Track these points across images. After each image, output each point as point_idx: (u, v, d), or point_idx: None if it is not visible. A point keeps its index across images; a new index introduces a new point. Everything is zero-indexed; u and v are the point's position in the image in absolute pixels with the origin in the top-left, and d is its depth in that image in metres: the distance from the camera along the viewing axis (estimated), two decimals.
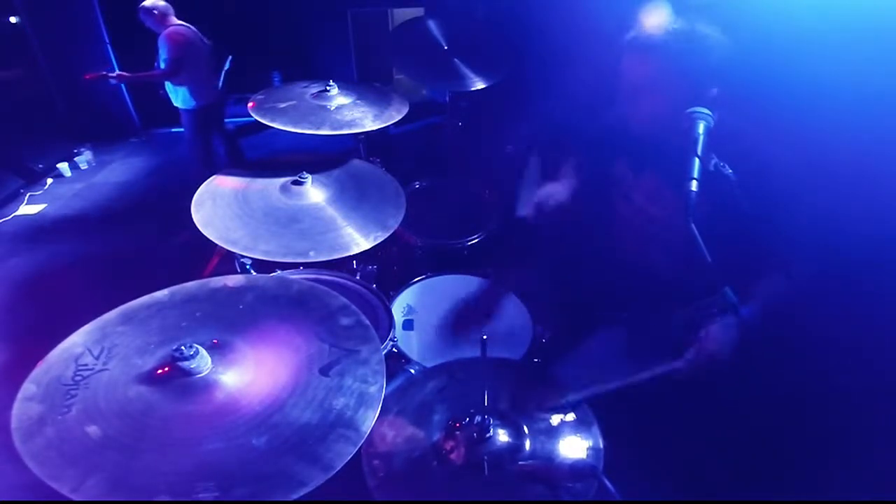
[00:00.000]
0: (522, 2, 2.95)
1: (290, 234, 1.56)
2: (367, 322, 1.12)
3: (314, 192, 1.70)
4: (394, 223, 1.66)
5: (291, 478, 0.83)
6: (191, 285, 1.21)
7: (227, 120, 4.55)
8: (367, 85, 2.35)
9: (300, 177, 1.70)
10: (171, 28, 3.31)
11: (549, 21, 2.56)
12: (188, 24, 3.45)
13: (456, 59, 2.69)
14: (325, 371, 1.01)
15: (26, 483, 0.86)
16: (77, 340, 1.06)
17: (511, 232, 2.20)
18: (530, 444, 1.14)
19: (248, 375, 1.00)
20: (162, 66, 3.32)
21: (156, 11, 3.31)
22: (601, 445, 1.14)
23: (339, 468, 0.86)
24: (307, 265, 1.89)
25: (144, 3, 3.30)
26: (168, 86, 3.49)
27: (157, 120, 5.40)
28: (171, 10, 3.39)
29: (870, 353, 1.30)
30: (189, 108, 3.51)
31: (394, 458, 1.14)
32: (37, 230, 3.92)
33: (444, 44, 2.74)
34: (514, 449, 1.13)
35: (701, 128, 1.14)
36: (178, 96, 3.48)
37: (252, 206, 1.64)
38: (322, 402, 0.96)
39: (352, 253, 1.54)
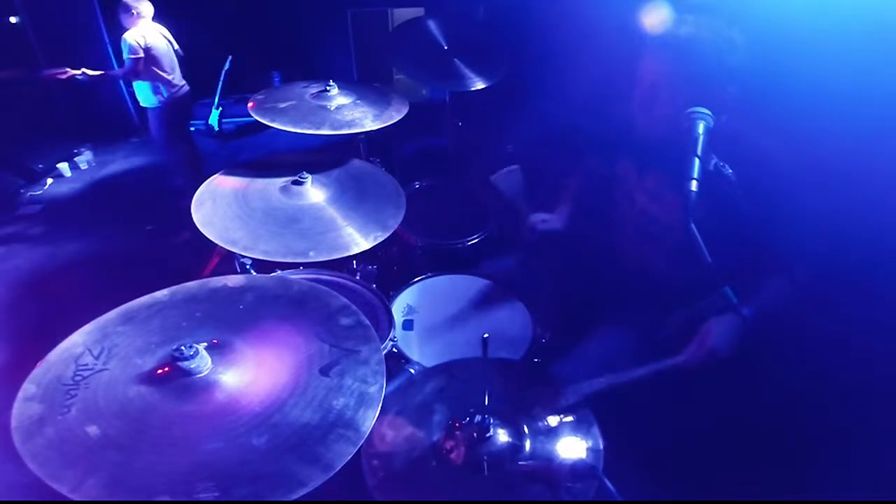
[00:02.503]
0: (522, 2, 2.95)
1: (290, 234, 1.56)
2: (367, 322, 1.12)
3: (314, 192, 1.70)
4: (394, 223, 1.66)
5: (291, 478, 0.83)
6: (191, 285, 1.21)
7: (225, 120, 4.55)
8: (367, 85, 2.35)
9: (300, 177, 1.70)
10: (135, 30, 3.37)
11: (549, 21, 2.56)
12: (156, 26, 3.48)
13: (456, 59, 2.69)
14: (325, 371, 1.01)
15: (26, 483, 0.86)
16: (77, 340, 1.06)
17: (511, 232, 2.20)
18: (530, 444, 1.14)
19: (248, 375, 1.00)
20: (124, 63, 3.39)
21: (134, 12, 3.36)
22: (601, 446, 1.14)
23: (339, 468, 0.86)
24: (307, 265, 1.89)
25: (125, 1, 3.35)
26: (137, 86, 3.53)
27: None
28: (148, 13, 3.43)
29: (870, 352, 1.30)
30: (155, 107, 3.55)
31: (393, 458, 1.14)
32: (37, 230, 3.91)
33: (444, 44, 2.74)
34: (514, 449, 1.13)
35: (701, 128, 1.14)
36: (142, 95, 3.54)
37: (252, 206, 1.64)
38: (322, 402, 0.96)
39: (352, 253, 1.54)
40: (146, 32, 3.41)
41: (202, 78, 3.90)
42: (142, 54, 3.34)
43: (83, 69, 3.44)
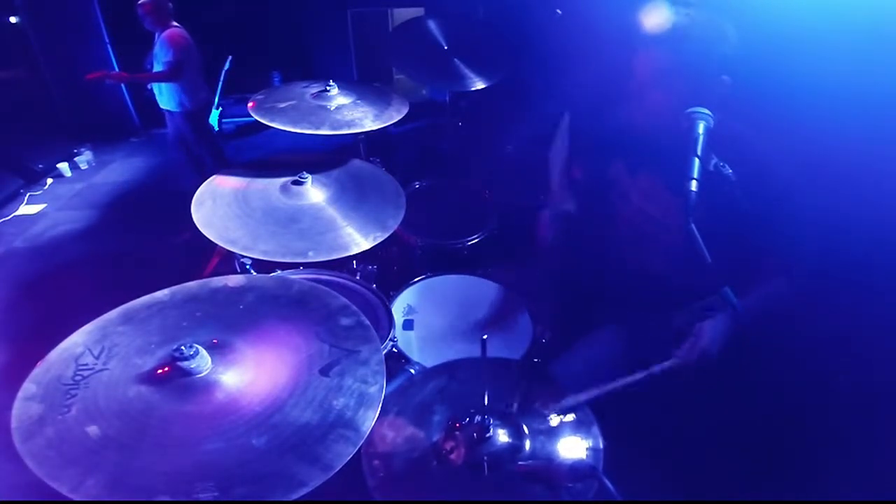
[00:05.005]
0: (522, 2, 2.95)
1: (290, 234, 1.56)
2: (367, 322, 1.12)
3: (314, 192, 1.70)
4: (394, 223, 1.66)
5: (291, 478, 0.83)
6: (191, 285, 1.21)
7: (225, 120, 4.56)
8: (367, 85, 2.35)
9: (300, 177, 1.70)
10: (172, 30, 3.29)
11: (549, 21, 2.56)
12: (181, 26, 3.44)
13: (456, 59, 2.69)
14: (325, 371, 1.01)
15: (26, 483, 0.86)
16: (77, 340, 1.06)
17: (511, 232, 2.20)
18: (530, 444, 1.14)
19: (248, 375, 1.00)
20: (161, 67, 3.30)
21: (157, 10, 3.28)
22: (601, 445, 1.14)
23: (338, 468, 0.86)
24: (307, 265, 1.89)
25: (145, 1, 3.27)
26: (159, 87, 3.45)
27: (157, 120, 5.38)
28: (172, 11, 3.38)
29: (869, 352, 1.30)
30: (181, 111, 3.47)
31: (393, 459, 1.14)
32: (37, 230, 3.92)
33: (444, 44, 2.74)
34: (514, 449, 1.13)
35: (701, 128, 1.14)
36: (172, 98, 3.43)
37: (252, 206, 1.64)
38: (322, 402, 0.96)
39: (351, 253, 1.54)
40: (186, 34, 3.31)
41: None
42: (184, 56, 3.24)
43: (116, 72, 3.34)
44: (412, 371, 1.55)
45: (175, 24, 3.37)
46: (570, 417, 1.20)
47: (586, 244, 1.71)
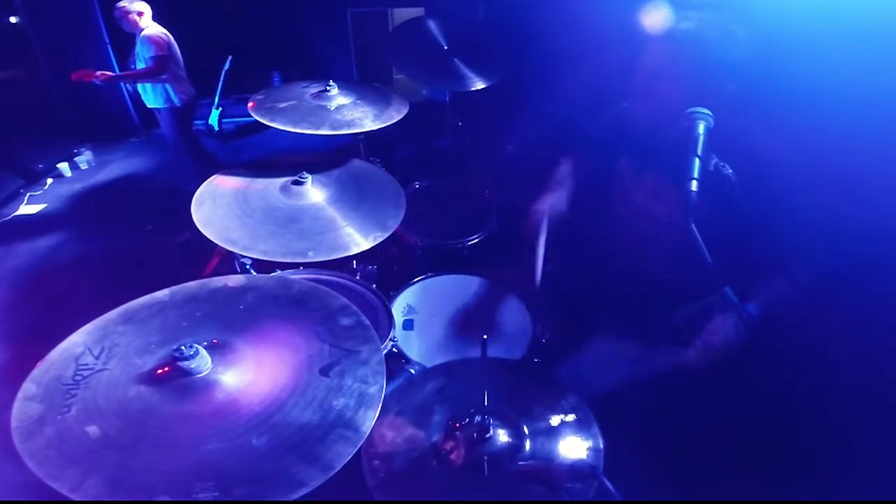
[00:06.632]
0: (522, 2, 2.95)
1: (290, 234, 1.56)
2: (368, 322, 1.12)
3: (314, 192, 1.70)
4: (393, 223, 1.66)
5: (291, 478, 0.83)
6: (191, 285, 1.21)
7: (225, 120, 4.56)
8: (367, 85, 2.35)
9: (300, 177, 1.70)
10: (151, 29, 3.33)
11: (549, 21, 2.56)
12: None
13: (456, 59, 2.69)
14: (325, 371, 1.01)
15: (26, 483, 0.86)
16: (77, 340, 1.06)
17: (511, 232, 2.20)
18: (530, 444, 1.14)
19: (248, 375, 1.00)
20: (144, 65, 3.32)
21: (133, 14, 3.30)
22: (601, 445, 1.14)
23: (339, 468, 0.86)
24: (307, 265, 1.89)
25: (122, 4, 3.28)
26: (144, 87, 3.47)
27: (157, 120, 5.41)
28: (149, 11, 3.39)
29: (870, 352, 1.30)
30: (169, 107, 3.49)
31: (394, 459, 1.14)
32: (37, 230, 3.91)
33: (444, 44, 2.74)
34: (514, 449, 1.13)
35: (701, 128, 1.14)
36: (158, 95, 3.46)
37: (252, 206, 1.64)
38: (322, 402, 0.96)
39: (351, 253, 1.54)
40: (165, 32, 3.35)
41: (202, 78, 3.90)
42: (167, 52, 3.28)
43: (101, 72, 3.37)
44: (412, 371, 1.54)
45: (152, 24, 3.39)
46: (571, 417, 1.20)
47: (587, 243, 1.71)
